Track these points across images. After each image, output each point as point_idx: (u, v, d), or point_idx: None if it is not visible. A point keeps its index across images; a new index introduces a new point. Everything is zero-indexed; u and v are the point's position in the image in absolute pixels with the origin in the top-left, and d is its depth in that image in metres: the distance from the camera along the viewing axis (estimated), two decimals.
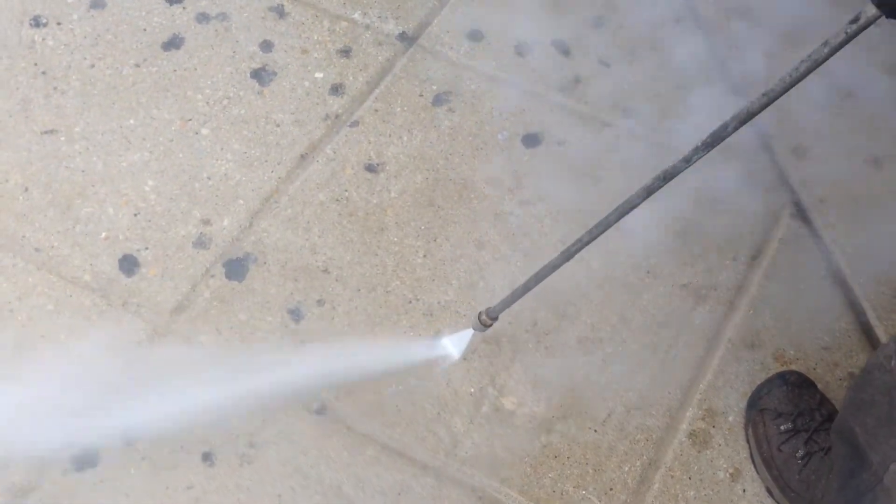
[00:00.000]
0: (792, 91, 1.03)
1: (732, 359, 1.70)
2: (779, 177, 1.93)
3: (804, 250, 1.84)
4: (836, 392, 1.66)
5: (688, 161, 1.21)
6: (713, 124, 1.17)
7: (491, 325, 1.52)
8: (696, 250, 1.82)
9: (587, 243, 1.37)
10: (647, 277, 1.79)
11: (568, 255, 1.39)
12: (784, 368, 1.67)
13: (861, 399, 1.26)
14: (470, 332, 1.60)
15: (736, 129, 1.13)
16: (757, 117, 1.58)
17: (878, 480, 1.22)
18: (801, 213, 1.88)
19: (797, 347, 1.71)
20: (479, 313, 1.52)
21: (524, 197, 1.87)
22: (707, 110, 1.96)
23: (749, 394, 1.64)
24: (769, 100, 1.08)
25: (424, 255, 1.78)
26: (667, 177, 1.25)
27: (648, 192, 1.29)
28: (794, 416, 1.54)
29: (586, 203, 1.86)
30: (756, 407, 1.59)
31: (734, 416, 1.63)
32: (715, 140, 1.16)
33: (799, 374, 1.61)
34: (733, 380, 1.67)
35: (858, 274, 1.79)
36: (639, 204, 1.30)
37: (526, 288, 1.46)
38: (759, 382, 1.65)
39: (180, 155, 1.86)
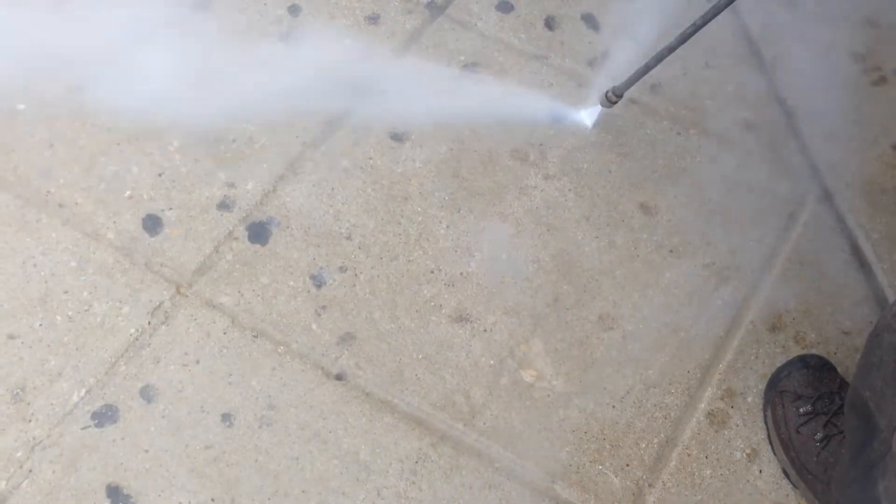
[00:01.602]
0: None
1: (753, 340, 1.69)
2: (806, 161, 1.91)
3: (829, 235, 1.82)
4: None
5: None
6: None
7: (616, 102, 1.78)
8: (720, 231, 1.81)
9: (701, 27, 1.55)
10: (670, 256, 1.78)
11: (683, 38, 1.60)
12: (805, 352, 1.67)
13: (870, 363, 1.25)
14: (598, 107, 1.86)
15: None
16: (786, 103, 1.76)
17: (887, 449, 1.22)
18: (826, 198, 1.87)
19: (818, 331, 1.71)
20: (606, 91, 1.78)
21: (549, 171, 1.86)
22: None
23: (769, 375, 1.64)
24: None
25: (447, 226, 1.77)
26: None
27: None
28: (814, 399, 1.54)
29: (612, 179, 1.85)
30: (775, 388, 1.59)
31: (753, 396, 1.63)
32: None
33: (819, 358, 1.61)
34: (753, 361, 1.67)
35: (882, 260, 1.78)
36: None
37: (647, 67, 1.68)
38: (779, 365, 1.65)
39: (206, 118, 1.85)
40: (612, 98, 1.80)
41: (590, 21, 2.07)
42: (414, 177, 1.83)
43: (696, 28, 1.56)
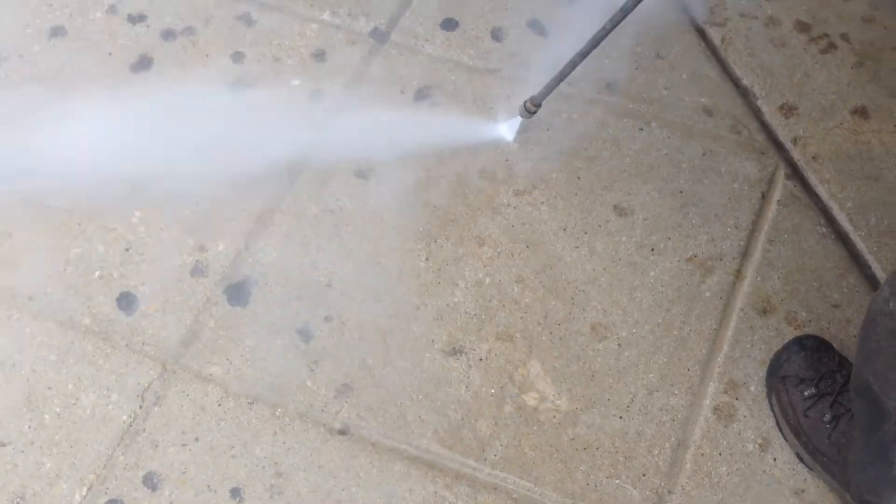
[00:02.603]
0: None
1: (746, 328, 1.70)
2: (769, 138, 1.92)
3: (803, 210, 1.83)
4: (852, 350, 1.66)
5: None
6: None
7: (535, 112, 1.76)
8: (696, 221, 1.82)
9: (610, 30, 1.54)
10: (652, 255, 1.77)
11: (595, 42, 1.58)
12: (798, 332, 1.68)
13: (869, 348, 1.26)
14: (518, 118, 1.83)
15: None
16: (741, 79, 1.94)
17: None
18: (795, 173, 1.88)
19: (808, 309, 1.72)
20: (525, 101, 1.75)
21: (518, 187, 1.84)
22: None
23: (767, 361, 1.65)
24: None
25: (427, 258, 1.75)
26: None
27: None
28: (817, 381, 1.55)
29: (582, 185, 1.84)
30: (777, 375, 1.60)
31: (755, 385, 1.63)
32: None
33: (815, 338, 1.62)
34: (750, 349, 1.67)
35: (859, 228, 1.79)
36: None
37: (562, 74, 1.67)
38: (775, 349, 1.65)
39: (164, 182, 1.80)
40: (530, 108, 1.76)
41: (537, 27, 2.05)
42: (385, 212, 1.80)
43: (607, 32, 1.54)
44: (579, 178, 1.86)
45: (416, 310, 1.70)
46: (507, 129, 1.89)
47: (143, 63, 1.95)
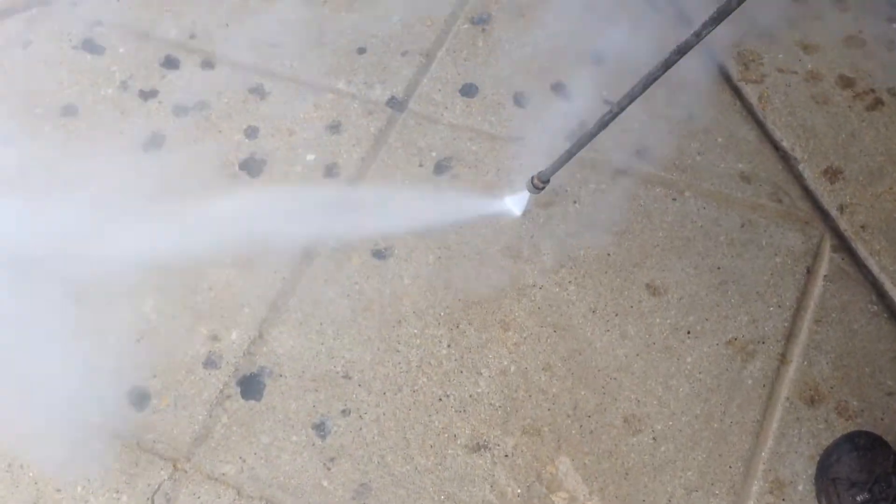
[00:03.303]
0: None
1: (793, 419, 1.58)
2: (813, 205, 1.80)
3: (852, 285, 1.71)
4: None
5: (698, 35, 1.24)
6: None
7: (543, 188, 1.68)
8: (736, 300, 1.70)
9: (618, 114, 1.44)
10: (688, 338, 1.66)
11: (602, 124, 1.47)
12: (849, 425, 1.55)
13: None
14: (526, 193, 1.75)
15: (738, 4, 1.17)
16: (781, 141, 1.79)
17: None
18: (843, 244, 1.75)
19: (860, 397, 1.59)
20: (532, 177, 1.67)
21: (545, 265, 1.74)
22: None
23: (816, 456, 1.53)
24: None
25: (448, 345, 1.66)
26: (681, 51, 1.28)
27: (667, 65, 1.31)
28: (870, 485, 1.43)
29: (612, 262, 1.74)
30: (827, 476, 1.47)
31: (804, 484, 1.51)
32: (721, 15, 1.19)
33: (868, 435, 1.49)
34: (797, 443, 1.55)
35: None
36: (659, 76, 1.34)
37: (570, 154, 1.58)
38: (824, 443, 1.53)
39: (177, 268, 1.74)
40: (537, 184, 1.67)
41: (561, 91, 1.95)
42: (405, 295, 1.72)
43: (614, 115, 1.44)
44: (609, 254, 1.75)
45: (438, 401, 1.61)
46: (514, 203, 1.80)
47: (155, 141, 1.90)
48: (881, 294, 1.69)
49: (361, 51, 2.00)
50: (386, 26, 2.04)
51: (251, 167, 1.86)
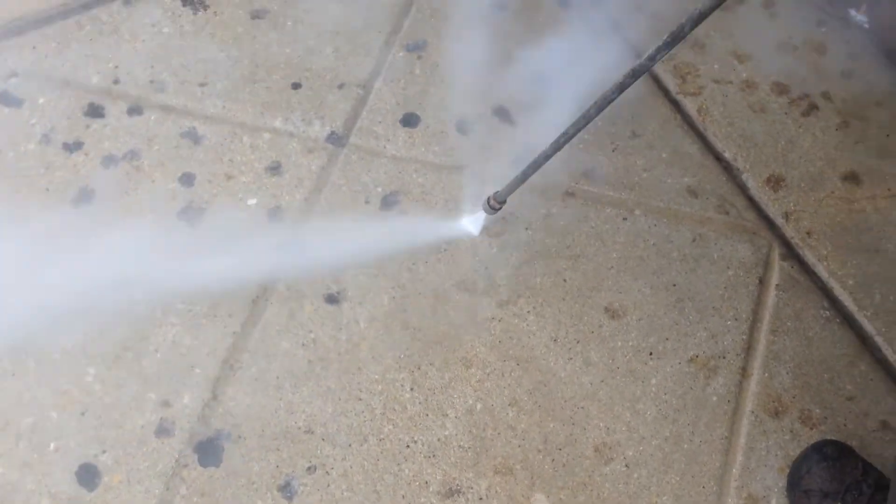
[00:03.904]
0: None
1: (759, 433, 1.59)
2: (759, 215, 1.82)
3: (803, 292, 1.73)
4: (872, 447, 1.56)
5: (652, 59, 1.24)
6: None
7: (499, 209, 1.68)
8: (693, 317, 1.70)
9: (572, 136, 1.43)
10: (651, 359, 1.66)
11: (557, 146, 1.47)
12: (815, 434, 1.57)
13: None
14: (482, 213, 1.74)
15: (692, 28, 1.18)
16: (723, 152, 1.81)
17: None
18: (791, 252, 1.77)
19: (822, 405, 1.61)
20: (488, 198, 1.67)
21: (502, 296, 1.72)
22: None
23: (786, 469, 1.54)
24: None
25: (412, 388, 1.62)
26: (635, 74, 1.27)
27: (621, 88, 1.31)
28: (842, 493, 1.44)
29: (569, 288, 1.72)
30: (799, 488, 1.49)
31: (776, 498, 1.52)
32: (674, 40, 1.20)
33: (835, 444, 1.51)
34: (766, 456, 1.56)
35: (864, 308, 1.69)
36: (614, 99, 1.33)
37: (525, 175, 1.57)
38: (792, 454, 1.55)
39: (119, 330, 1.66)
40: (494, 205, 1.67)
41: (504, 115, 1.93)
42: (362, 340, 1.67)
43: (569, 137, 1.43)
44: (565, 280, 1.74)
45: (406, 448, 1.57)
46: (471, 224, 1.78)
47: (85, 195, 1.80)
48: (832, 299, 1.72)
49: (296, 86, 1.94)
50: (319, 59, 1.98)
51: (190, 216, 1.78)
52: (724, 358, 1.66)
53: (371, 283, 1.72)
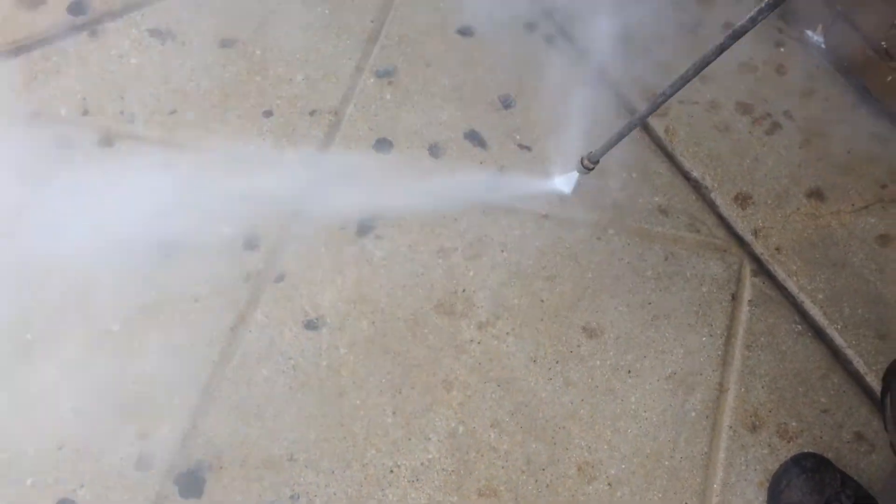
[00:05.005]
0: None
1: (738, 448, 1.61)
2: (729, 232, 1.86)
3: (775, 308, 1.77)
4: (848, 458, 1.60)
5: (754, 21, 1.26)
6: None
7: (593, 168, 1.72)
8: (669, 334, 1.73)
9: (670, 95, 1.46)
10: (630, 377, 1.68)
11: (654, 106, 1.51)
12: (792, 447, 1.60)
13: None
14: (575, 174, 1.81)
15: None
16: (691, 171, 1.89)
17: None
18: (761, 268, 1.81)
19: (798, 418, 1.64)
20: (582, 158, 1.71)
21: (481, 318, 1.73)
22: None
23: (765, 483, 1.57)
24: None
25: (394, 413, 1.62)
26: (736, 35, 1.30)
27: (721, 49, 1.33)
28: None
29: (546, 308, 1.74)
30: (779, 502, 1.51)
31: None
32: (777, 2, 1.22)
33: (813, 456, 1.54)
34: (745, 471, 1.59)
35: (834, 321, 1.73)
36: (713, 59, 1.36)
37: (620, 135, 1.62)
38: (771, 468, 1.57)
39: (95, 363, 1.63)
40: (588, 165, 1.72)
41: (475, 139, 1.95)
42: (342, 366, 1.66)
43: (667, 96, 1.47)
44: (542, 300, 1.75)
45: (390, 473, 1.57)
46: (563, 183, 1.86)
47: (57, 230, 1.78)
48: (803, 313, 1.76)
49: (268, 114, 1.94)
50: (290, 87, 1.99)
51: (165, 246, 1.76)
52: (700, 374, 1.69)
53: (350, 308, 1.72)
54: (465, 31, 2.13)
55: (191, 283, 1.72)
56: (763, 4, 1.24)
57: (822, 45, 2.11)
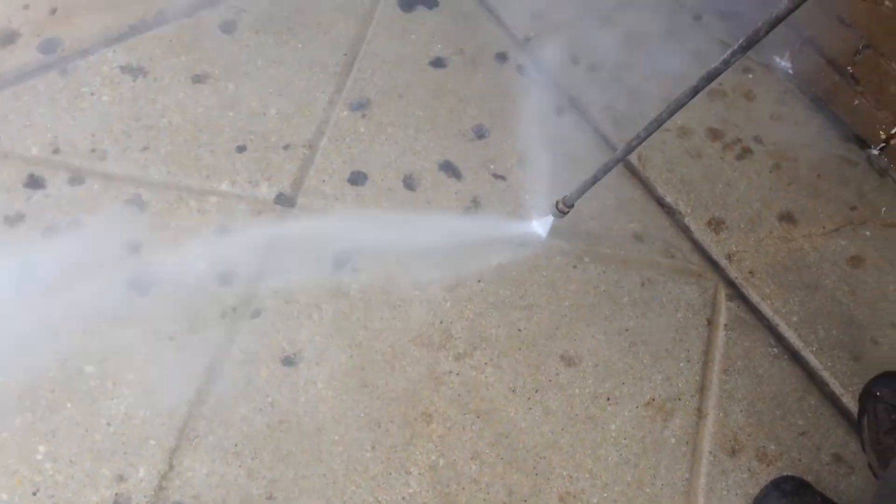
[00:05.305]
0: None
1: (718, 472, 1.61)
2: (703, 257, 1.87)
3: (751, 332, 1.78)
4: (828, 481, 1.60)
5: (727, 63, 1.29)
6: None
7: (567, 213, 1.75)
8: (647, 360, 1.74)
9: (645, 139, 1.49)
10: (609, 405, 1.68)
11: (629, 150, 1.53)
12: (772, 471, 1.61)
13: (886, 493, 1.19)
14: (550, 217, 1.82)
15: (767, 32, 1.22)
16: (665, 197, 1.89)
17: None
18: (736, 292, 1.83)
19: (777, 441, 1.65)
20: (557, 202, 1.74)
21: (459, 349, 1.72)
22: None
23: None
24: (795, 4, 1.17)
25: (373, 447, 1.61)
26: (710, 77, 1.33)
27: (695, 91, 1.37)
28: None
29: (524, 337, 1.74)
30: None
31: None
32: (750, 43, 1.24)
33: (792, 479, 1.55)
34: (726, 496, 1.59)
35: (809, 344, 1.75)
36: (686, 103, 1.40)
37: (595, 178, 1.65)
38: (751, 492, 1.58)
39: (68, 405, 1.61)
40: (562, 209, 1.74)
41: (449, 169, 1.95)
42: (321, 401, 1.65)
43: (641, 140, 1.50)
44: (520, 330, 1.75)
45: None
46: (539, 226, 1.87)
47: (28, 268, 1.75)
48: (778, 336, 1.77)
49: (241, 149, 1.94)
50: (263, 121, 1.99)
51: (138, 284, 1.75)
52: (679, 400, 1.69)
53: (327, 342, 1.71)
54: (437, 63, 2.14)
55: (166, 322, 1.71)
56: (736, 47, 1.26)
57: (790, 71, 2.15)
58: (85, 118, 1.96)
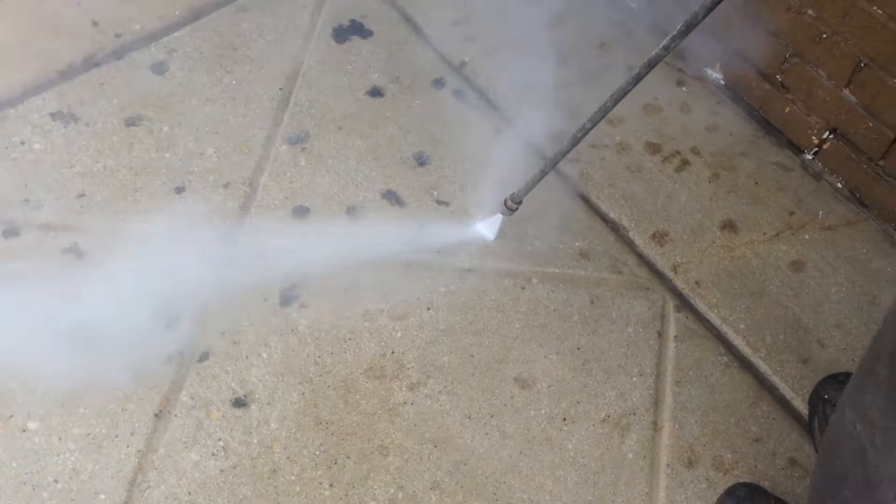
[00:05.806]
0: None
1: (677, 485, 1.62)
2: (650, 270, 1.89)
3: (700, 342, 1.80)
4: (784, 485, 1.62)
5: (666, 49, 1.31)
6: None
7: (517, 209, 1.76)
8: (600, 377, 1.74)
9: (590, 129, 1.51)
10: (565, 425, 1.68)
11: (575, 141, 1.55)
12: (729, 479, 1.62)
13: (833, 475, 1.19)
14: (499, 217, 1.83)
15: (705, 16, 1.24)
16: (608, 213, 1.93)
17: None
18: (684, 303, 1.84)
19: (732, 449, 1.66)
20: (505, 199, 1.75)
21: (412, 379, 1.71)
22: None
23: None
24: None
25: (331, 485, 1.58)
26: (651, 64, 1.34)
27: (638, 78, 1.38)
28: None
29: (477, 363, 1.74)
30: None
31: None
32: (688, 28, 1.26)
33: (746, 486, 1.56)
34: None
35: (758, 350, 1.77)
36: (631, 89, 1.42)
37: (543, 173, 1.66)
38: (710, 502, 1.58)
39: (13, 464, 1.56)
40: (511, 206, 1.75)
41: (392, 198, 1.95)
42: (274, 442, 1.62)
43: (587, 130, 1.53)
44: (472, 355, 1.75)
45: None
46: (486, 228, 1.86)
47: None
48: (727, 345, 1.79)
49: (180, 190, 1.91)
50: (201, 161, 1.96)
51: (80, 335, 1.70)
52: (634, 414, 1.70)
53: (278, 381, 1.69)
54: (374, 92, 2.14)
55: (110, 371, 1.66)
56: (675, 32, 1.28)
57: (723, 82, 2.19)
58: (16, 169, 1.91)
